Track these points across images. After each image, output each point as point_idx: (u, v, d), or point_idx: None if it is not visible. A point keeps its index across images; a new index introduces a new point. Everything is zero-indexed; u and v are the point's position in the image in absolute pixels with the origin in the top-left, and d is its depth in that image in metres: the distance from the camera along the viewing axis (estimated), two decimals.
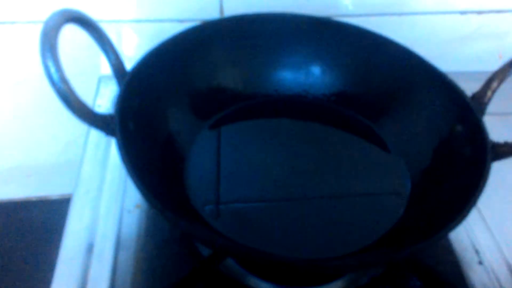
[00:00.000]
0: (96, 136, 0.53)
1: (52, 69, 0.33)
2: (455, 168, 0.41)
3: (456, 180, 0.40)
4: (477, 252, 0.45)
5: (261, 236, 0.42)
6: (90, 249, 0.43)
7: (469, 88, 0.44)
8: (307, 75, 0.53)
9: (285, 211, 0.44)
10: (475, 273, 0.43)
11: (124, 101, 0.39)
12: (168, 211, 0.33)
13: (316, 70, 0.53)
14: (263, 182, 0.46)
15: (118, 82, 0.41)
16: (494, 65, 0.46)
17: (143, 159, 0.39)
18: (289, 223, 0.43)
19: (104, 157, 0.51)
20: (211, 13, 0.58)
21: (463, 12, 0.61)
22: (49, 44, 0.33)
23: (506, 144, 0.38)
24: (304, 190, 0.46)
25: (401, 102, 0.49)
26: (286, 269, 0.37)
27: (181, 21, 0.58)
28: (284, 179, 0.46)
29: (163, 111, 0.45)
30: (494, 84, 0.42)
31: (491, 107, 0.44)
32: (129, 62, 0.42)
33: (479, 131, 0.39)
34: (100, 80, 0.61)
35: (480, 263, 0.44)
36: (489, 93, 0.42)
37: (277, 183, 0.46)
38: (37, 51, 0.33)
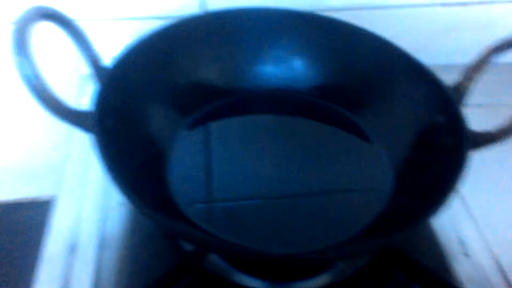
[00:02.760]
0: (80, 135, 0.52)
1: (24, 66, 0.33)
2: (436, 158, 0.41)
3: (437, 169, 0.40)
4: (462, 243, 0.44)
5: (247, 232, 0.42)
6: (73, 248, 0.43)
7: (454, 80, 0.44)
8: (289, 70, 0.52)
9: (271, 206, 0.44)
10: (460, 265, 0.43)
11: (102, 97, 0.39)
12: (145, 206, 0.32)
13: (298, 64, 0.52)
14: (247, 178, 0.46)
15: (96, 80, 0.41)
16: None
17: (122, 156, 0.38)
18: (275, 218, 0.43)
19: (88, 156, 0.51)
20: (194, 10, 0.57)
21: (446, 4, 0.60)
22: (21, 40, 0.33)
23: (485, 133, 0.38)
24: (289, 185, 0.46)
25: (382, 94, 0.49)
26: (264, 263, 0.37)
27: (164, 18, 0.57)
28: (269, 175, 0.46)
29: (144, 107, 0.45)
30: (474, 74, 0.42)
31: (476, 99, 0.44)
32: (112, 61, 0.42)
33: (459, 121, 0.39)
34: (83, 78, 0.60)
35: (466, 254, 0.44)
36: (469, 83, 0.42)
37: (262, 178, 0.46)
38: None
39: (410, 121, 0.45)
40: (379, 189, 0.45)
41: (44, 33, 0.39)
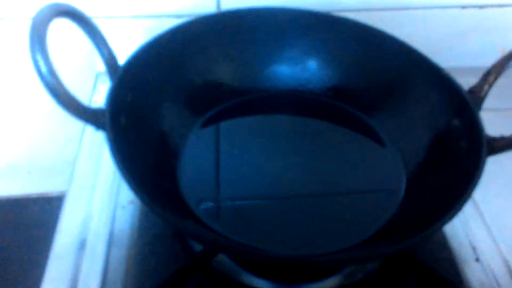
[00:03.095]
0: (91, 133, 0.53)
1: (41, 62, 0.33)
2: (451, 163, 0.40)
3: (452, 174, 0.39)
4: (474, 248, 0.44)
5: (256, 233, 0.41)
6: (82, 245, 0.43)
7: (471, 83, 0.44)
8: (303, 70, 0.52)
9: (281, 207, 0.44)
10: (472, 270, 0.43)
11: (116, 95, 0.39)
12: (156, 206, 0.32)
13: (312, 64, 0.52)
14: (260, 178, 0.46)
15: (111, 77, 0.41)
16: (496, 60, 0.45)
17: (134, 154, 0.38)
18: (286, 219, 0.43)
19: (99, 153, 0.51)
20: (208, 8, 0.57)
21: (464, 6, 0.60)
22: (38, 37, 0.33)
23: (502, 138, 0.37)
24: (301, 186, 0.45)
25: (398, 96, 0.48)
26: (276, 265, 0.37)
27: (178, 16, 0.57)
28: (281, 175, 0.46)
29: (157, 106, 0.45)
30: (491, 78, 0.41)
31: (492, 103, 0.43)
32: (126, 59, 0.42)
33: (475, 125, 0.39)
34: (97, 76, 0.60)
35: (477, 260, 0.43)
36: (486, 87, 0.41)
37: (274, 179, 0.46)
38: None
39: (425, 124, 0.45)
40: (392, 192, 0.44)
41: (61, 29, 0.39)
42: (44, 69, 0.33)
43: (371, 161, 0.47)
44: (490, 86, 0.41)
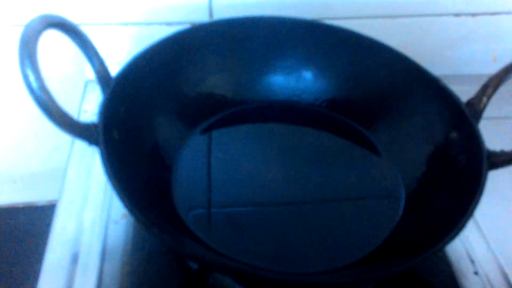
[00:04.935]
0: (81, 143, 0.51)
1: (31, 78, 0.31)
2: (451, 177, 0.40)
3: (452, 189, 0.39)
4: (472, 262, 0.44)
5: (252, 247, 0.40)
6: (75, 259, 0.42)
7: (463, 91, 0.43)
8: (298, 80, 0.51)
9: (277, 218, 0.43)
10: (470, 284, 0.42)
11: (109, 109, 0.38)
12: (152, 225, 0.31)
13: (307, 75, 0.51)
14: (255, 189, 0.45)
15: (102, 89, 0.40)
16: (488, 68, 0.45)
17: (128, 169, 0.37)
18: (281, 231, 0.42)
19: (90, 164, 0.50)
20: (201, 16, 0.56)
21: (457, 14, 0.60)
22: (28, 52, 0.32)
23: (502, 153, 0.37)
24: (296, 197, 0.45)
25: (394, 108, 0.48)
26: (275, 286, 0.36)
27: (169, 24, 0.56)
28: (276, 185, 0.45)
29: (150, 118, 0.44)
30: (489, 90, 0.41)
31: (487, 111, 0.43)
32: (116, 67, 0.41)
33: (475, 139, 0.38)
34: (86, 84, 0.59)
35: (476, 273, 0.43)
36: (484, 99, 0.41)
37: (269, 189, 0.45)
38: None
39: (423, 137, 0.44)
40: (390, 207, 0.43)
41: (50, 36, 0.38)
42: (34, 84, 0.31)
43: (368, 173, 0.47)
44: (489, 98, 0.41)
